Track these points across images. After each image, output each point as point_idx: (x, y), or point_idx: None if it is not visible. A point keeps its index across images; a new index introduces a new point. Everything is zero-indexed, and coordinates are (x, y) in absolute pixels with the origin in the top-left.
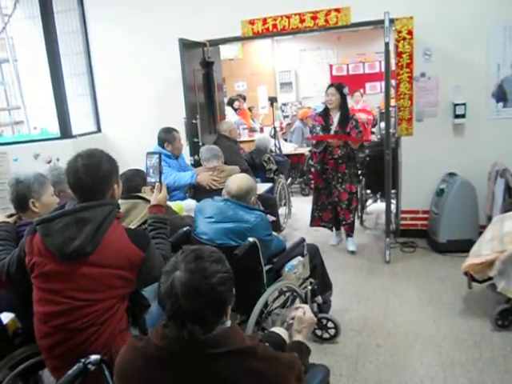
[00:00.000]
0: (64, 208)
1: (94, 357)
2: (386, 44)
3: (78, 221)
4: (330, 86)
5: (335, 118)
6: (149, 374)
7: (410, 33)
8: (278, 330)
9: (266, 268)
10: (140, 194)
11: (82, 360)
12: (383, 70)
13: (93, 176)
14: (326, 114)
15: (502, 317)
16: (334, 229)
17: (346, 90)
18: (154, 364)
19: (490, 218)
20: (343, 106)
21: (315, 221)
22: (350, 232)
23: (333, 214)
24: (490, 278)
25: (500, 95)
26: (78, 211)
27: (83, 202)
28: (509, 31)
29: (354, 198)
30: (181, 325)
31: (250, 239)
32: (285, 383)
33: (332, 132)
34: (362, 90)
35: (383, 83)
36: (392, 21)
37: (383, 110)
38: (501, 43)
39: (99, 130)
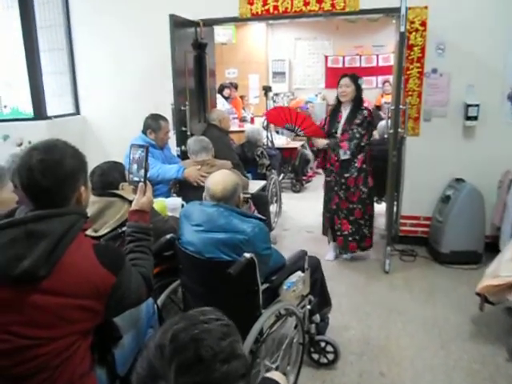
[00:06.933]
0: (13, 216)
1: None
2: (401, 34)
3: (30, 234)
4: (344, 76)
5: (345, 113)
6: None
7: (423, 24)
8: (275, 375)
9: (262, 287)
10: (117, 192)
11: None
12: (380, 64)
13: (52, 176)
14: (336, 108)
15: None
16: (330, 241)
17: (361, 81)
18: None
19: (498, 229)
20: (357, 100)
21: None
22: (343, 247)
23: (330, 222)
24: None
25: None
26: (31, 221)
27: (39, 208)
28: None
29: (356, 209)
30: None
31: (247, 255)
32: None
33: (339, 130)
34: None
35: (379, 78)
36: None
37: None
38: None
39: (78, 113)
